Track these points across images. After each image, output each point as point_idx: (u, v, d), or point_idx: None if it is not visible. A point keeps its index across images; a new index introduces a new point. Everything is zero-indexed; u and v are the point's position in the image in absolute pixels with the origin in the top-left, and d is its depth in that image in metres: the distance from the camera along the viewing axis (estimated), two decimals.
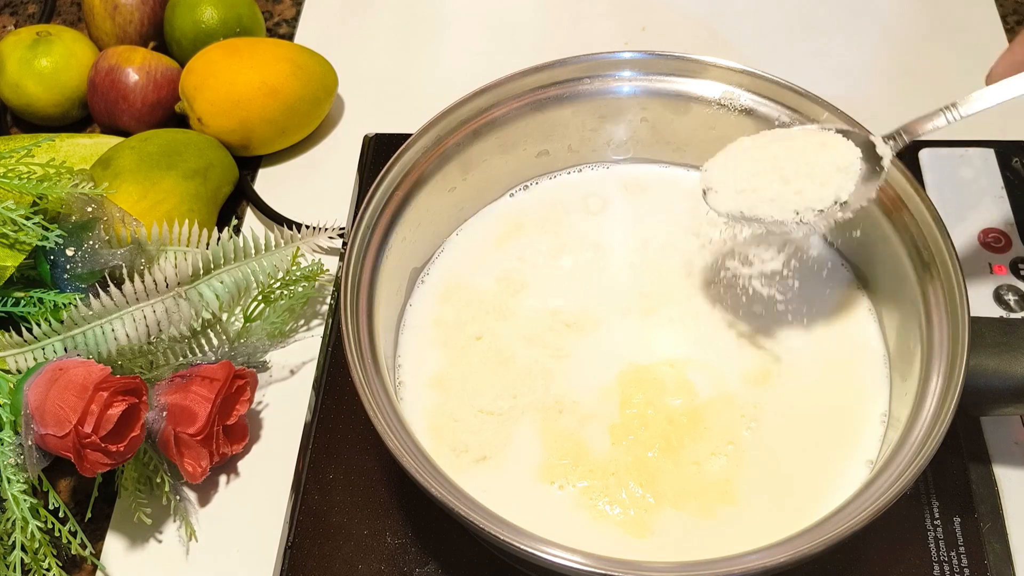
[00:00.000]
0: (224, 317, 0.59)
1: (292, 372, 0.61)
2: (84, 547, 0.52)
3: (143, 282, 0.53)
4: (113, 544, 0.55)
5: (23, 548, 0.49)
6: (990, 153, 0.67)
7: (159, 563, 0.55)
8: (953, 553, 0.51)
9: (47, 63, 0.72)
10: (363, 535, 0.53)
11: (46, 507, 0.51)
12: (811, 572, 0.45)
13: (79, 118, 0.75)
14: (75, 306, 0.53)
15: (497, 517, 0.43)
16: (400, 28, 0.82)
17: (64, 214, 0.57)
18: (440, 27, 0.82)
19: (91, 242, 0.56)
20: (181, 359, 0.57)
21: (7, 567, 0.49)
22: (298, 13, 0.84)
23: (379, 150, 0.70)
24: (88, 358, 0.52)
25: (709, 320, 0.55)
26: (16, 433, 0.50)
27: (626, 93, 0.59)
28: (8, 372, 0.52)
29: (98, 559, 0.54)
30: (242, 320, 0.61)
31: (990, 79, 0.52)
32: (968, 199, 0.65)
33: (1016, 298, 0.60)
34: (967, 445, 0.55)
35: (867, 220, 0.54)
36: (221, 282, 0.57)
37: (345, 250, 0.51)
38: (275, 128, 0.70)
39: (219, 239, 0.58)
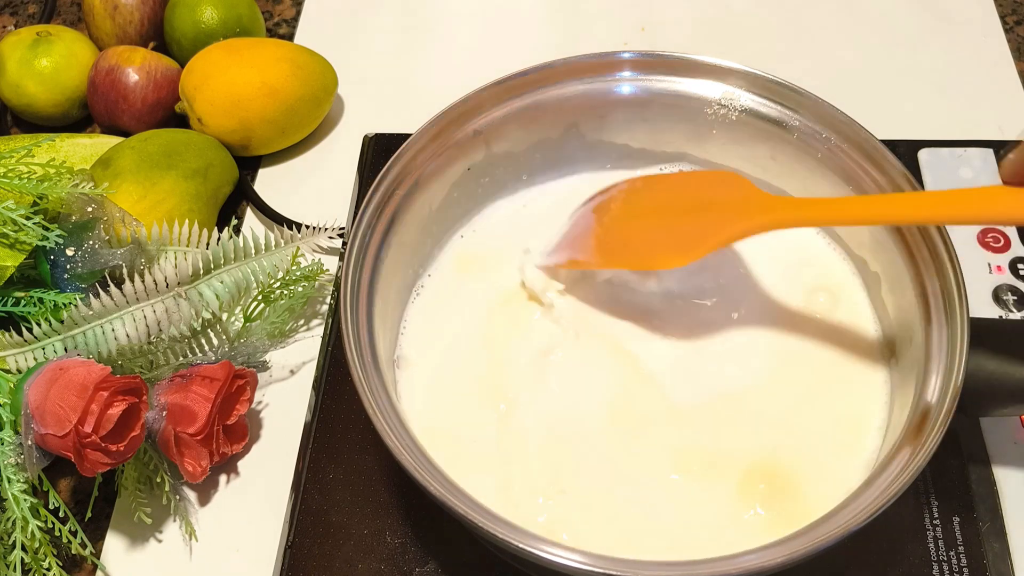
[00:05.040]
0: (224, 317, 0.59)
1: (292, 372, 0.61)
2: (84, 547, 0.52)
3: (143, 282, 0.53)
4: (113, 544, 0.55)
5: (23, 548, 0.49)
6: (989, 153, 0.67)
7: (159, 563, 0.55)
8: (952, 553, 0.51)
9: (47, 63, 0.72)
10: (363, 535, 0.53)
11: (46, 507, 0.51)
12: (811, 572, 0.45)
13: (79, 118, 0.75)
14: (75, 306, 0.53)
15: (497, 517, 0.43)
16: (400, 28, 0.82)
17: (64, 214, 0.57)
18: (440, 27, 0.83)
19: (91, 242, 0.56)
20: (181, 359, 0.58)
21: (7, 566, 0.49)
22: (298, 13, 0.84)
23: (379, 150, 0.70)
24: (88, 358, 0.52)
25: (709, 322, 0.55)
26: (16, 433, 0.50)
27: (626, 93, 0.59)
28: (8, 372, 0.52)
29: (98, 559, 0.55)
30: (242, 320, 0.61)
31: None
32: None
33: (1015, 298, 0.60)
34: (966, 445, 0.55)
35: None
36: (221, 282, 0.57)
37: (345, 250, 0.51)
38: (275, 128, 0.70)
39: (219, 239, 0.59)
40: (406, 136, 0.55)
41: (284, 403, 0.60)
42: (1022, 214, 0.44)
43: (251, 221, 0.70)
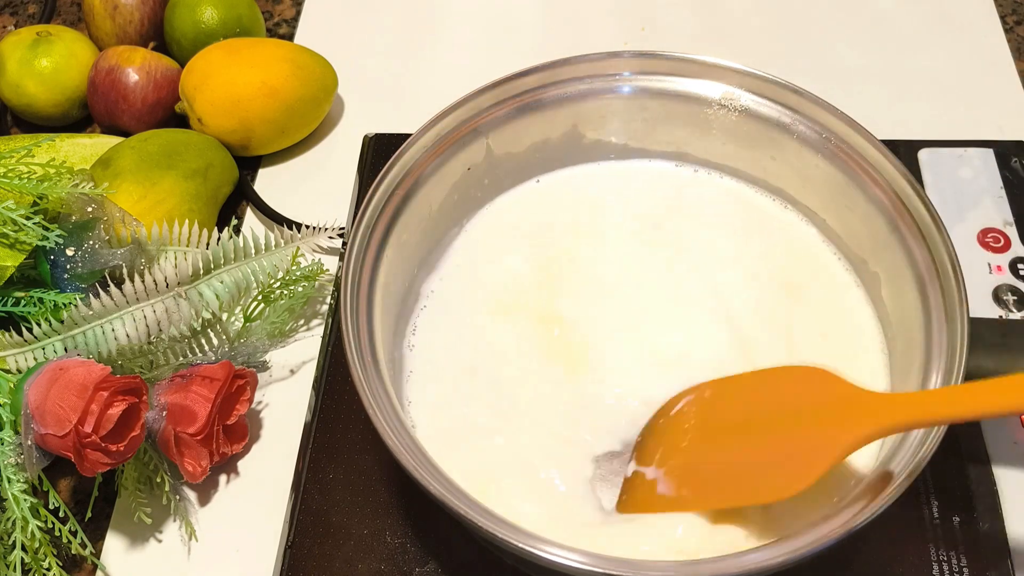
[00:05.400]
0: (224, 317, 0.59)
1: (292, 372, 0.61)
2: (84, 547, 0.52)
3: (143, 282, 0.53)
4: (113, 544, 0.55)
5: (23, 548, 0.49)
6: (989, 153, 0.67)
7: (159, 563, 0.55)
8: (952, 552, 0.51)
9: (47, 63, 0.72)
10: (363, 535, 0.53)
11: (46, 507, 0.51)
12: (811, 572, 0.45)
13: (79, 118, 0.75)
14: (75, 306, 0.53)
15: (497, 517, 0.43)
16: (400, 28, 0.82)
17: (64, 214, 0.57)
18: (440, 27, 0.83)
19: (91, 242, 0.56)
20: (181, 359, 0.58)
21: (7, 567, 0.49)
22: (298, 13, 0.84)
23: (379, 150, 0.70)
24: (88, 358, 0.52)
25: (708, 321, 0.55)
26: (16, 433, 0.50)
27: (626, 93, 0.59)
28: (8, 372, 0.52)
29: (98, 559, 0.55)
30: (242, 320, 0.61)
31: None
32: (967, 199, 0.65)
33: (1015, 298, 0.60)
34: (966, 445, 0.55)
35: (866, 220, 0.54)
36: (221, 282, 0.57)
37: (345, 250, 0.51)
38: (275, 128, 0.70)
39: (219, 239, 0.59)
40: (406, 136, 0.55)
41: (284, 403, 0.60)
42: None
43: (251, 221, 0.70)
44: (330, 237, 0.63)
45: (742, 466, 0.46)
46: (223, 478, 0.57)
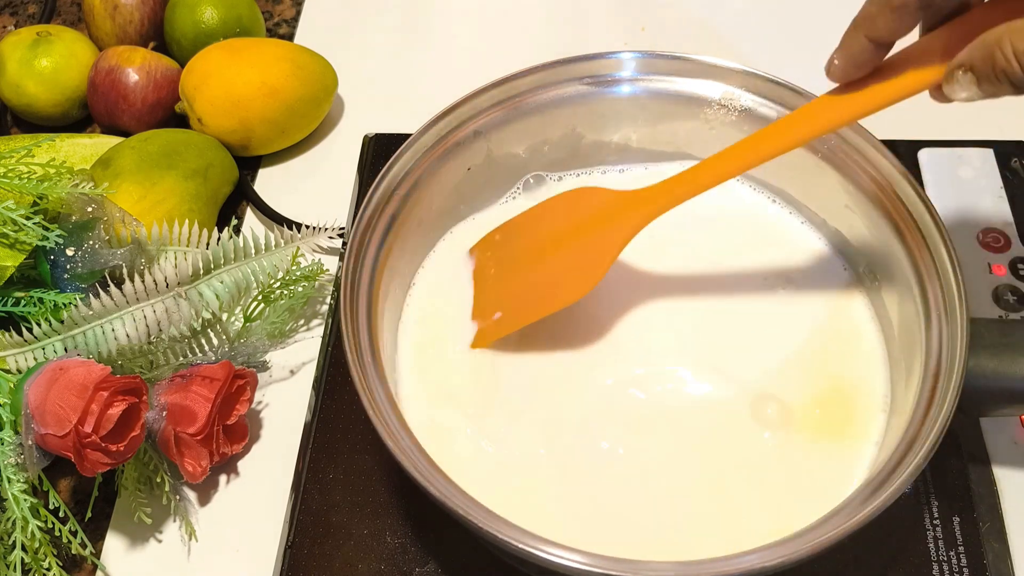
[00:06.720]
0: (224, 317, 0.59)
1: (292, 372, 0.61)
2: (84, 547, 0.52)
3: (143, 282, 0.53)
4: (113, 544, 0.55)
5: (23, 548, 0.49)
6: (989, 153, 0.67)
7: (159, 563, 0.55)
8: (952, 553, 0.51)
9: (47, 63, 0.72)
10: (363, 535, 0.53)
11: (46, 507, 0.51)
12: (811, 572, 0.45)
13: (79, 118, 0.75)
14: (75, 306, 0.53)
15: (497, 517, 0.43)
16: (400, 28, 0.82)
17: (64, 214, 0.57)
18: (440, 27, 0.83)
19: (91, 242, 0.56)
20: (181, 359, 0.58)
21: (7, 567, 0.49)
22: (298, 13, 0.84)
23: (379, 150, 0.70)
24: (88, 358, 0.52)
25: (708, 321, 0.55)
26: (16, 433, 0.50)
27: (626, 93, 0.59)
28: (8, 372, 0.52)
29: (98, 559, 0.55)
30: (242, 320, 0.61)
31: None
32: (967, 199, 0.65)
33: (1015, 298, 0.60)
34: (966, 445, 0.55)
35: (865, 221, 0.54)
36: (221, 282, 0.57)
37: (345, 250, 0.51)
38: (275, 128, 0.70)
39: (219, 239, 0.59)
40: (406, 136, 0.55)
41: (284, 403, 0.60)
42: (852, 114, 0.46)
43: (251, 221, 0.70)
44: (330, 237, 0.63)
45: (546, 280, 0.54)
46: (223, 478, 0.57)
